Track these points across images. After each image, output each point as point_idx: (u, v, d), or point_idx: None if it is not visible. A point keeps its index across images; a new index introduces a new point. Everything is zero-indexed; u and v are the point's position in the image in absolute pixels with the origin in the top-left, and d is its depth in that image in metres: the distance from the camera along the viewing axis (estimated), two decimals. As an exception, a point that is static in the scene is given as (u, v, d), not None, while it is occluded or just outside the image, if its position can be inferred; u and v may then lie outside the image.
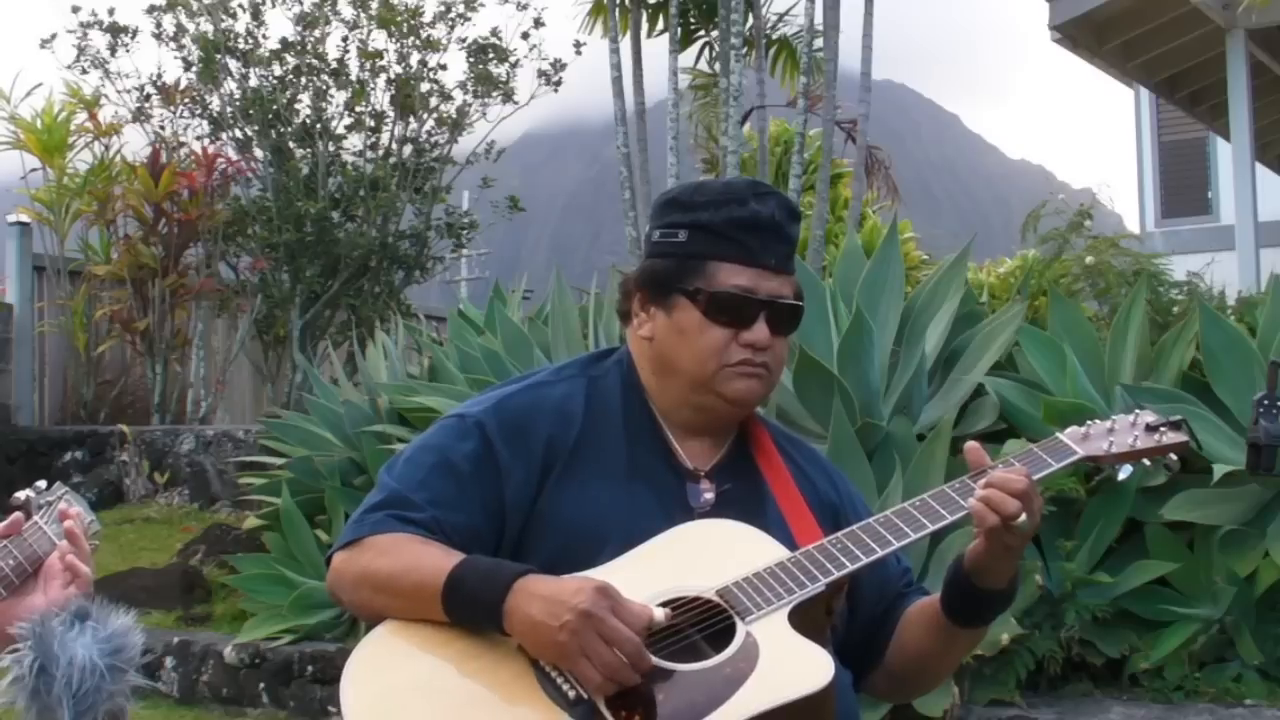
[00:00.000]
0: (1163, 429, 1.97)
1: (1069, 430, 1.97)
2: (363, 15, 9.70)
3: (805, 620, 1.78)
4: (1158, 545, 4.31)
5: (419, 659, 1.78)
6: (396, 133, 9.77)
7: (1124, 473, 1.97)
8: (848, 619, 2.03)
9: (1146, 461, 1.97)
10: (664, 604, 1.76)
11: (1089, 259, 5.89)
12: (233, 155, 9.67)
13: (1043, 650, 4.15)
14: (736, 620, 1.77)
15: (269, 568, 5.63)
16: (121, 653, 1.79)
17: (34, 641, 1.74)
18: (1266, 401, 1.97)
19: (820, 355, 4.63)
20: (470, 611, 1.77)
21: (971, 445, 1.92)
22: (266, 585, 5.61)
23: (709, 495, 1.99)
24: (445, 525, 1.89)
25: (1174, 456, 1.99)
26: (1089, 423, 1.98)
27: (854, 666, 2.05)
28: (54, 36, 9.66)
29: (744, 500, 1.99)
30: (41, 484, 2.10)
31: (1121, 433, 1.96)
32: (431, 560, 1.81)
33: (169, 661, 5.60)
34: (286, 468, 6.04)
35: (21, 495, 2.04)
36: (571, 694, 1.69)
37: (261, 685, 5.41)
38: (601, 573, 1.80)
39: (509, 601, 1.74)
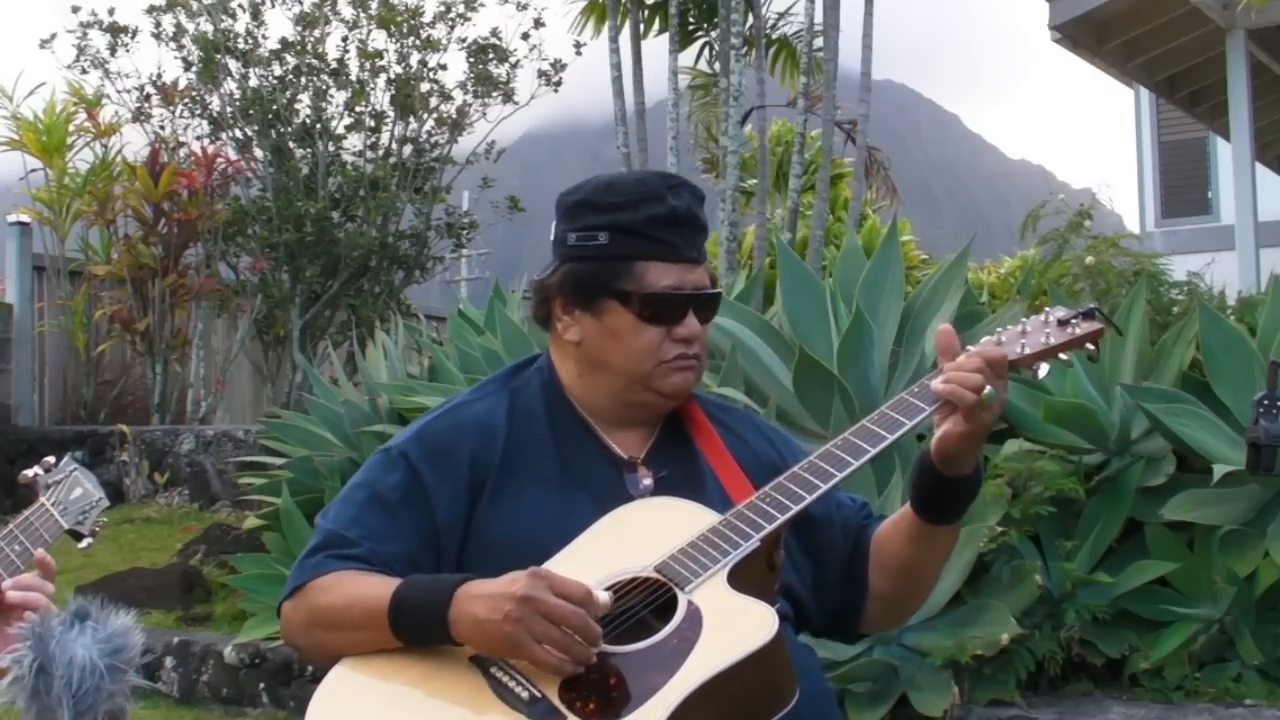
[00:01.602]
0: (1074, 320, 1.96)
1: (981, 341, 1.97)
2: (363, 15, 9.69)
3: (747, 579, 1.79)
4: (1158, 545, 4.31)
5: (377, 690, 1.79)
6: (396, 133, 9.77)
7: (1043, 371, 1.97)
8: (816, 571, 2.04)
9: (1064, 356, 1.97)
10: (607, 589, 1.76)
11: (1089, 259, 5.89)
12: (233, 155, 9.66)
13: (1043, 650, 4.15)
14: (677, 592, 1.78)
15: (269, 568, 5.63)
16: (121, 653, 1.79)
17: (34, 641, 1.74)
18: (1266, 401, 1.97)
19: (820, 355, 4.63)
20: (418, 628, 1.79)
21: (944, 328, 1.94)
22: (266, 585, 5.60)
23: (647, 482, 2.01)
24: (383, 556, 1.91)
25: (1091, 346, 1.97)
26: (999, 330, 1.98)
27: (844, 610, 2.07)
28: (54, 36, 9.66)
29: (682, 481, 2.01)
30: (50, 459, 2.09)
31: (1034, 333, 1.96)
32: (374, 589, 1.83)
33: (169, 661, 5.60)
34: (286, 468, 6.04)
35: (29, 473, 2.04)
36: (525, 694, 1.70)
37: (261, 685, 5.40)
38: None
39: (453, 609, 1.76)
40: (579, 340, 2.03)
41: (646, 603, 1.79)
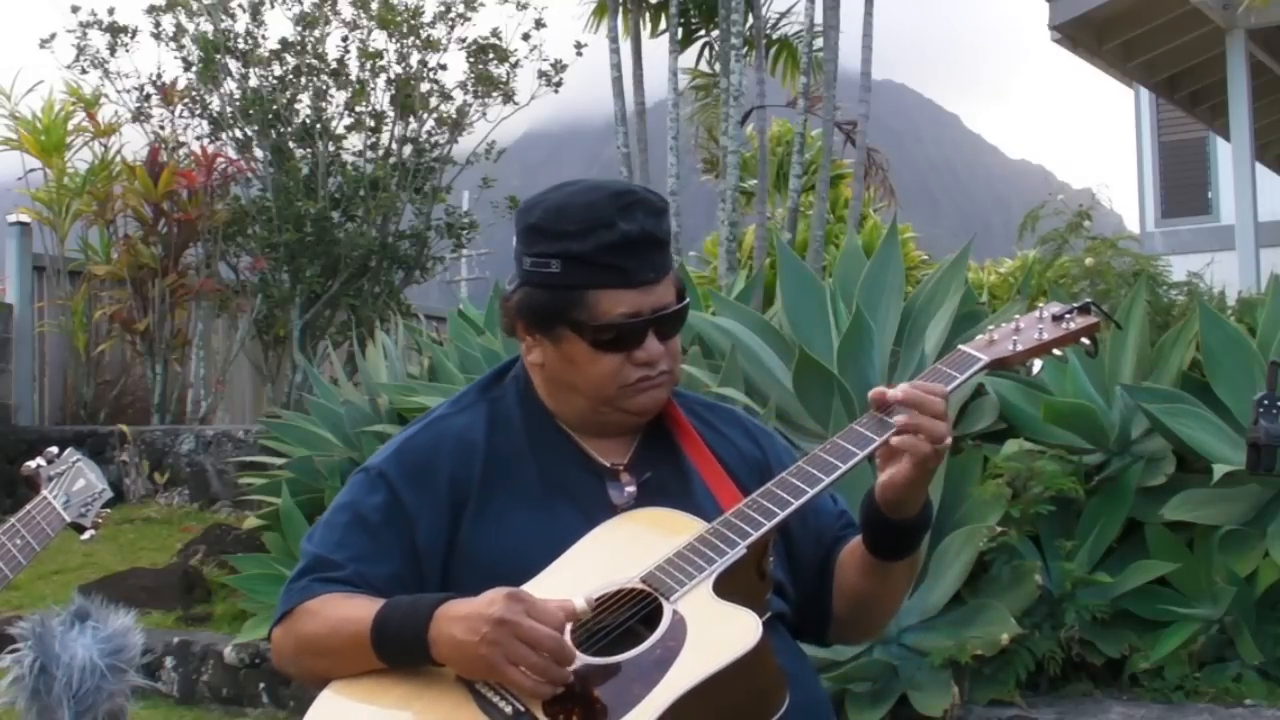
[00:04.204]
0: (1069, 315, 1.94)
1: (974, 340, 1.95)
2: (363, 15, 9.69)
3: (734, 587, 1.78)
4: (1158, 545, 4.31)
5: (365, 710, 1.80)
6: (396, 133, 9.76)
7: (1036, 367, 1.96)
8: (790, 576, 2.02)
9: (1057, 351, 1.95)
10: (595, 601, 1.76)
11: (1089, 260, 5.88)
12: (233, 155, 9.66)
13: (1043, 650, 4.15)
14: (662, 602, 1.77)
15: (269, 568, 5.63)
16: (121, 653, 1.79)
17: (34, 641, 1.74)
18: (1266, 401, 1.97)
19: (820, 355, 4.63)
20: (400, 650, 1.79)
21: (876, 390, 1.87)
22: (266, 585, 5.60)
23: (631, 489, 1.99)
24: (369, 578, 1.91)
25: (1086, 340, 1.96)
26: (991, 327, 1.96)
27: (813, 617, 2.05)
28: (54, 36, 9.65)
29: (667, 484, 1.99)
30: (53, 450, 2.08)
31: (1028, 330, 1.94)
32: (358, 611, 1.83)
33: (169, 661, 5.59)
34: (286, 468, 6.04)
35: (32, 464, 2.02)
36: (508, 709, 1.70)
37: (261, 685, 5.40)
38: (529, 586, 1.80)
39: (432, 630, 1.75)
40: (541, 363, 2.02)
41: (634, 614, 1.78)
